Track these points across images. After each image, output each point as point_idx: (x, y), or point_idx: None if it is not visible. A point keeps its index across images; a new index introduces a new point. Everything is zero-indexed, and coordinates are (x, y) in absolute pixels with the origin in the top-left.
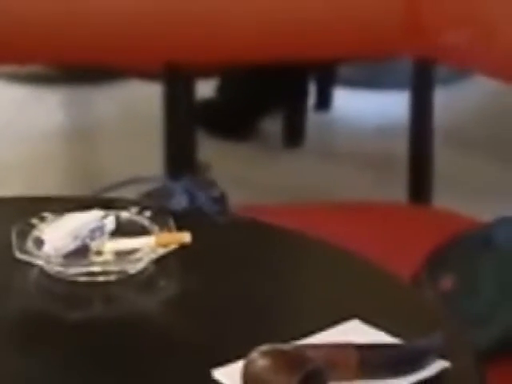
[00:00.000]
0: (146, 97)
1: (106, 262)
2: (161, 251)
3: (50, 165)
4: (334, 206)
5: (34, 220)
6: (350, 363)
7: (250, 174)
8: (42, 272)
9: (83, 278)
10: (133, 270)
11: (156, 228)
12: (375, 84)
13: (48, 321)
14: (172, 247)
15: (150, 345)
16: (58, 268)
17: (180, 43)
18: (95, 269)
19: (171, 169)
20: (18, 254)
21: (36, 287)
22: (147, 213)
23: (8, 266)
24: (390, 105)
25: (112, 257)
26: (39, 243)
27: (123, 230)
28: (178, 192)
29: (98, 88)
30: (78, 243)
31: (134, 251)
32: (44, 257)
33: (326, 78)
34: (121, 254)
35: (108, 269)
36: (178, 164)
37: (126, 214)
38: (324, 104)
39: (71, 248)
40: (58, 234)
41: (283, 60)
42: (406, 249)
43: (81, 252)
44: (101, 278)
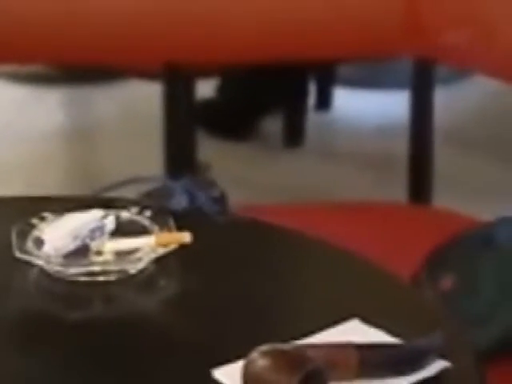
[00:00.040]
0: (146, 97)
1: (106, 262)
2: (161, 251)
3: (50, 165)
4: (333, 205)
5: (34, 220)
6: (350, 363)
7: (249, 173)
8: (42, 272)
9: (83, 278)
10: (133, 270)
11: (156, 228)
12: (375, 84)
13: (48, 321)
14: (172, 247)
15: (150, 345)
16: (58, 268)
17: (180, 43)
18: (95, 268)
19: (171, 169)
20: (18, 254)
21: (36, 287)
22: (147, 213)
23: (8, 265)
24: (390, 105)
25: (112, 257)
26: (39, 243)
27: (123, 230)
28: (178, 192)
29: (98, 88)
30: (78, 243)
31: (134, 251)
32: (44, 257)
33: (326, 78)
34: (121, 254)
35: (108, 268)
36: (178, 164)
37: (126, 214)
38: (324, 104)
39: (71, 248)
40: (58, 234)
41: (283, 60)
42: (405, 249)
43: (81, 252)
44: (101, 278)
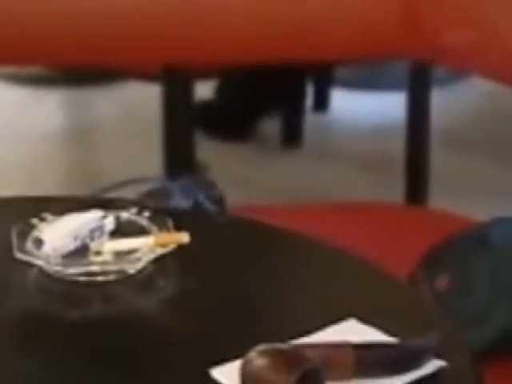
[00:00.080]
0: (145, 98)
1: (105, 262)
2: (160, 251)
3: (49, 165)
4: (331, 206)
5: (33, 220)
6: (347, 362)
7: (248, 174)
8: (42, 272)
9: (82, 278)
10: (132, 270)
11: (155, 228)
12: (372, 85)
13: (47, 320)
14: (171, 247)
15: (149, 344)
16: (58, 268)
17: (179, 45)
18: (94, 269)
19: (170, 169)
20: (18, 254)
21: (35, 287)
22: (146, 213)
23: (8, 265)
24: (387, 106)
25: (111, 257)
26: (39, 243)
27: (122, 230)
28: (177, 192)
29: (98, 89)
30: (78, 243)
31: (133, 251)
32: (44, 257)
33: (324, 80)
34: (120, 254)
35: (107, 269)
36: (177, 165)
37: (125, 214)
38: (322, 105)
39: (71, 248)
40: (57, 234)
41: (281, 61)
42: (402, 249)
43: (80, 252)
44: (100, 278)
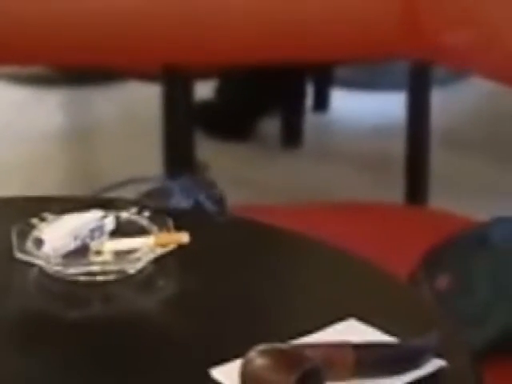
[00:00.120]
0: (145, 98)
1: (105, 262)
2: (160, 251)
3: (49, 165)
4: (331, 206)
5: (33, 220)
6: (347, 362)
7: (248, 174)
8: (42, 272)
9: (82, 278)
10: (132, 270)
11: (155, 228)
12: (372, 85)
13: (47, 320)
14: (171, 247)
15: (149, 344)
16: (58, 268)
17: (179, 45)
18: (94, 268)
19: (170, 169)
20: (18, 254)
21: (35, 287)
22: (146, 213)
23: (8, 265)
24: (387, 106)
25: (111, 257)
26: (39, 243)
27: (122, 230)
28: (177, 192)
29: (98, 89)
30: (78, 243)
31: (133, 251)
32: (44, 257)
33: (324, 80)
34: (120, 254)
35: (107, 268)
36: (177, 164)
37: (125, 214)
38: (322, 105)
39: (71, 248)
40: (57, 234)
41: (281, 62)
42: (402, 249)
43: (80, 252)
44: (100, 278)
